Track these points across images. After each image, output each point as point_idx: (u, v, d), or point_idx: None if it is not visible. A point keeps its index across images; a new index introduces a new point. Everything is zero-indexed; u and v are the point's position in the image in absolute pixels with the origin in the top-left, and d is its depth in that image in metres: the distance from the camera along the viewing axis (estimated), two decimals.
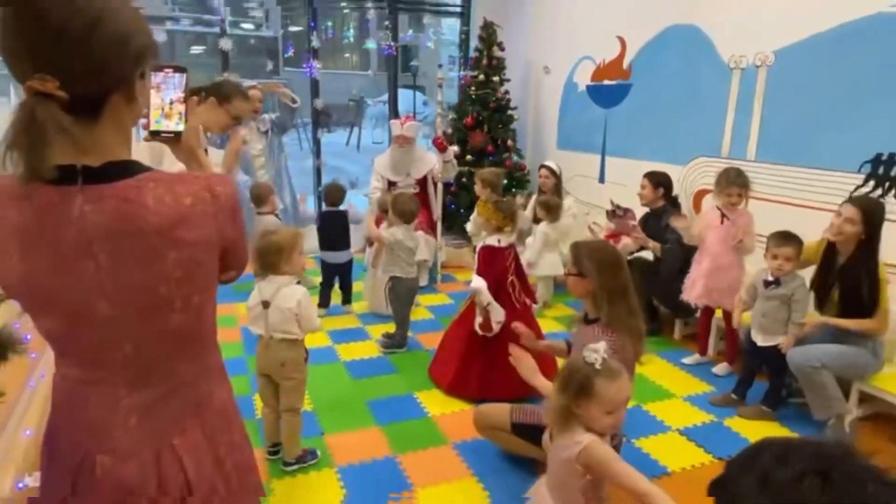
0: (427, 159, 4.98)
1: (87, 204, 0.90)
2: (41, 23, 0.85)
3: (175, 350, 1.03)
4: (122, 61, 0.93)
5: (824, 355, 2.79)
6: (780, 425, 3.02)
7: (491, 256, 3.20)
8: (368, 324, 4.31)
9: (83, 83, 0.89)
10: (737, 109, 3.97)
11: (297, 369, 2.55)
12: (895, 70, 3.07)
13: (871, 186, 3.22)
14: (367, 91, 18.37)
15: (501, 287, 3.20)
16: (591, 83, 5.29)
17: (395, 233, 3.75)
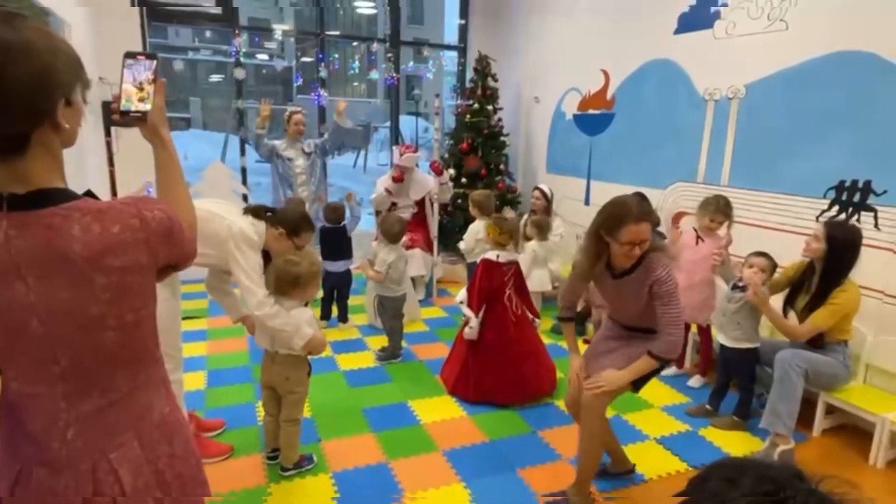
0: (425, 182, 5.01)
1: (12, 229, 0.88)
2: None
3: (112, 365, 0.99)
4: (40, 99, 0.88)
5: (809, 361, 2.76)
6: (750, 435, 2.99)
7: (488, 270, 3.23)
8: (367, 335, 4.29)
9: (3, 124, 0.86)
10: (711, 138, 3.98)
11: (301, 383, 2.53)
12: (856, 103, 3.09)
13: (835, 211, 3.22)
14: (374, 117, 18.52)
15: (498, 300, 3.22)
16: (578, 112, 5.31)
17: (386, 258, 3.74)
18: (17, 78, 0.85)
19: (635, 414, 3.20)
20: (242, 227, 2.40)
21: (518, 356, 3.23)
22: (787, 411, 2.68)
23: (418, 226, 5.11)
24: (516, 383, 3.22)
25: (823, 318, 2.76)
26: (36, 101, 0.88)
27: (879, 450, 2.73)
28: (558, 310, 2.65)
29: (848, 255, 2.76)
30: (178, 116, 17.97)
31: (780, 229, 3.50)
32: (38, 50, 0.87)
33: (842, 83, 3.14)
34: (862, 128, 3.07)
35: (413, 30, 20.50)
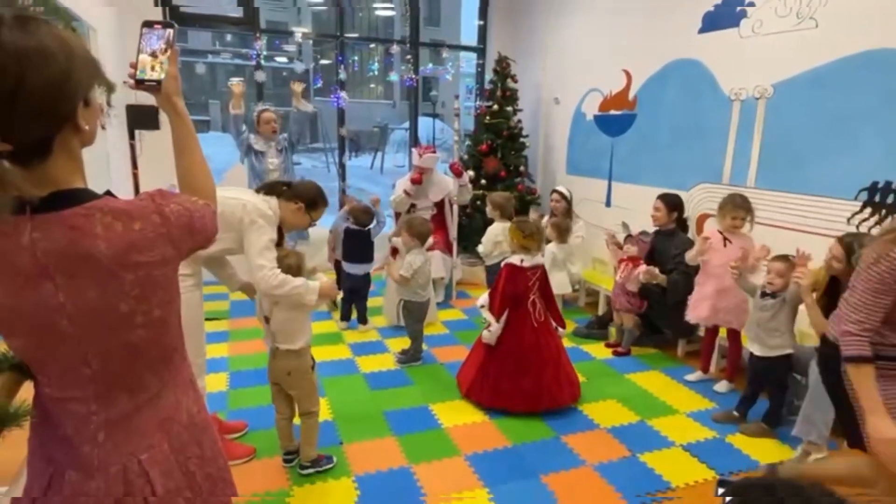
0: (445, 183, 4.99)
1: (36, 231, 0.89)
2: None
3: (141, 364, 1.00)
4: (59, 104, 0.88)
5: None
6: (780, 443, 2.92)
7: (512, 275, 3.16)
8: (387, 337, 4.28)
9: (23, 133, 0.86)
10: (737, 138, 3.91)
11: (303, 377, 2.51)
12: (889, 102, 3.00)
13: (867, 213, 3.13)
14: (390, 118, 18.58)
15: (521, 304, 3.16)
16: (599, 113, 5.25)
17: (413, 262, 3.70)
18: (37, 85, 0.84)
19: (661, 420, 3.15)
20: (256, 203, 2.40)
21: (537, 365, 3.15)
22: (822, 419, 2.61)
23: (437, 227, 5.08)
24: (533, 393, 3.12)
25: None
26: (57, 106, 0.88)
27: None
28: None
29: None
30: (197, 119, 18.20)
31: (810, 231, 3.42)
32: (55, 54, 0.86)
33: (874, 82, 3.06)
34: (892, 127, 2.98)
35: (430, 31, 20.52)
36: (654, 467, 2.70)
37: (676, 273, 3.80)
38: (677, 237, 3.97)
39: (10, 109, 0.83)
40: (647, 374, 3.75)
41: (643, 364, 3.90)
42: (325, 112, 15.04)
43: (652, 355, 4.06)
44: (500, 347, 3.17)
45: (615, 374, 3.75)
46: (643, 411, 3.23)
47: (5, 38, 0.82)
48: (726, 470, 2.69)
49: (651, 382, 3.62)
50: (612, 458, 2.76)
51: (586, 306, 5.18)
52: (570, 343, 4.22)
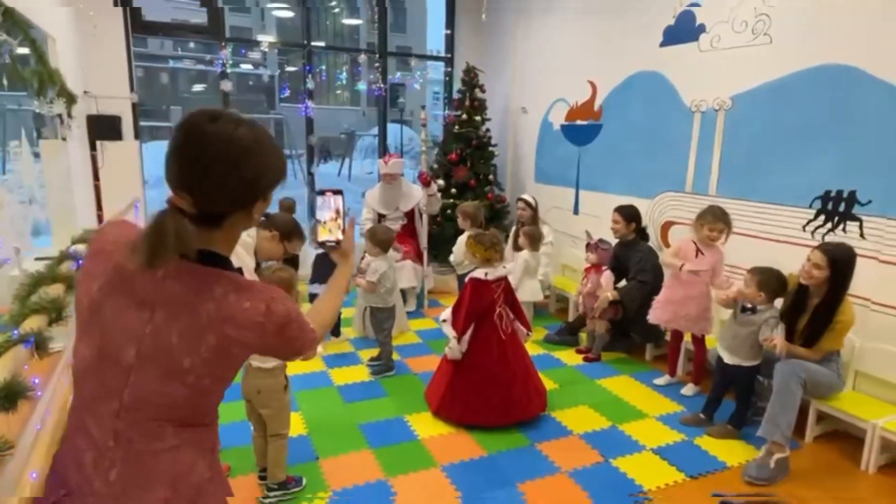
0: (415, 193, 5.01)
1: (173, 272, 1.01)
2: (197, 157, 1.00)
3: (169, 418, 1.04)
4: (249, 194, 1.06)
5: (808, 372, 2.79)
6: (745, 443, 3.02)
7: (477, 289, 3.14)
8: (360, 349, 4.26)
9: (213, 206, 1.03)
10: (699, 148, 4.04)
11: (275, 397, 2.48)
12: (839, 116, 3.16)
13: (821, 220, 3.28)
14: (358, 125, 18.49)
15: (487, 318, 3.15)
16: (566, 123, 5.36)
17: (378, 268, 3.71)
18: (243, 176, 1.03)
19: (631, 424, 3.22)
20: None
21: (506, 378, 3.13)
22: (786, 421, 2.72)
23: (408, 237, 5.10)
24: (503, 407, 3.12)
25: (834, 340, 2.84)
26: (246, 195, 1.06)
27: (871, 455, 2.78)
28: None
29: (849, 274, 2.81)
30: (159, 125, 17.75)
31: (768, 238, 3.56)
32: (264, 154, 1.05)
33: (826, 96, 3.22)
34: (846, 139, 3.14)
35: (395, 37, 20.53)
36: (627, 471, 2.77)
37: (635, 282, 3.91)
38: (638, 246, 4.07)
39: (216, 187, 1.01)
40: (617, 379, 3.84)
41: (613, 369, 3.99)
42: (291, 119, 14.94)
43: (621, 360, 4.15)
44: (467, 362, 3.14)
45: (586, 380, 3.83)
46: (614, 416, 3.30)
47: (241, 133, 1.02)
48: (696, 472, 2.77)
49: (621, 387, 3.70)
50: (586, 464, 2.82)
51: (556, 313, 5.26)
52: (541, 350, 4.29)
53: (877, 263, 3.00)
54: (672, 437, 3.09)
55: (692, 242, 3.53)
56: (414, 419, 3.23)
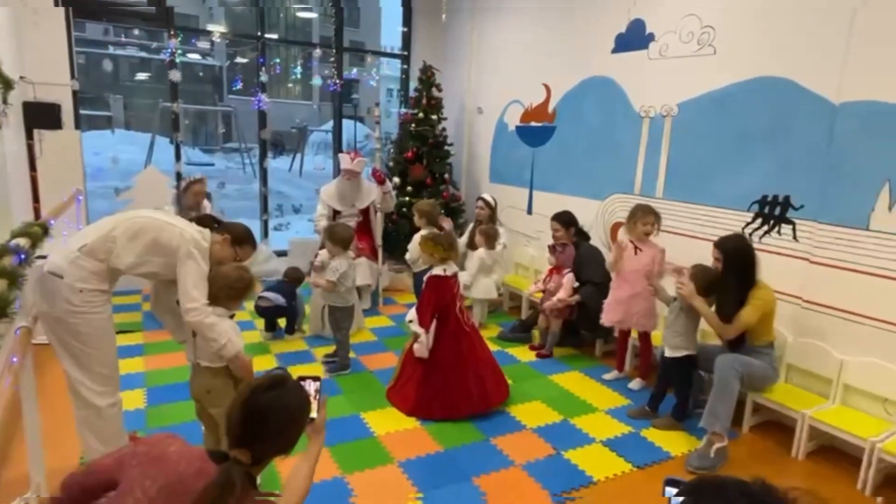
0: (371, 191, 5.00)
1: (211, 478, 1.33)
2: (258, 424, 1.36)
3: None
4: (288, 449, 1.43)
5: (745, 365, 2.96)
6: (688, 434, 3.18)
7: (438, 285, 3.23)
8: (315, 346, 4.24)
9: (265, 457, 1.41)
10: (647, 153, 4.21)
11: (224, 396, 2.42)
12: (775, 125, 3.36)
13: (759, 223, 3.49)
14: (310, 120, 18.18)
15: (450, 313, 3.24)
16: (520, 124, 5.46)
17: (338, 267, 3.70)
18: (289, 437, 1.43)
19: (582, 418, 3.34)
20: (193, 233, 2.41)
21: (478, 366, 3.28)
22: (725, 412, 2.88)
23: (363, 234, 5.08)
24: (481, 394, 3.25)
25: (749, 314, 2.99)
26: (286, 449, 1.44)
27: (800, 443, 2.99)
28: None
29: (743, 258, 3.03)
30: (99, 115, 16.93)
31: (711, 240, 3.72)
32: (298, 416, 1.49)
33: (763, 106, 3.42)
34: (781, 147, 3.35)
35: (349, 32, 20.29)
36: (578, 463, 2.87)
37: (590, 284, 4.05)
38: (580, 249, 4.23)
39: (268, 444, 1.39)
40: (568, 374, 3.96)
41: (564, 365, 4.11)
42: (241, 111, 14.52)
43: (572, 356, 4.28)
44: (439, 359, 3.23)
45: (539, 375, 3.93)
46: (566, 410, 3.41)
47: (288, 399, 1.45)
48: (642, 462, 2.90)
49: (572, 383, 3.82)
50: (539, 457, 2.91)
51: (510, 311, 5.36)
52: (495, 347, 4.36)
53: (807, 264, 3.22)
54: (620, 430, 3.22)
55: (630, 242, 3.69)
56: (370, 416, 3.24)
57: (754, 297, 3.00)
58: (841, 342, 3.07)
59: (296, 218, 9.15)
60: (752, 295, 3.01)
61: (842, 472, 2.86)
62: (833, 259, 3.10)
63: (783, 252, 3.35)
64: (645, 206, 3.69)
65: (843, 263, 3.06)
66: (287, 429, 1.42)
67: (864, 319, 2.98)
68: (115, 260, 2.31)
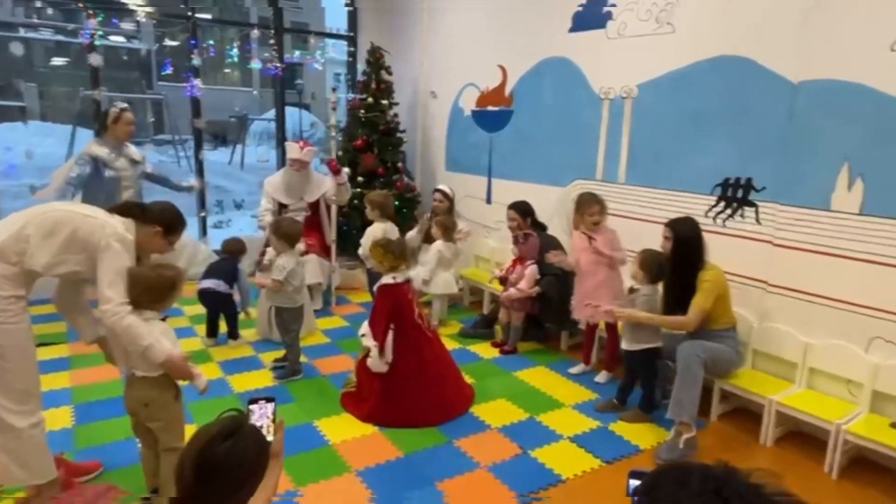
0: (321, 182, 4.93)
1: None
2: (213, 479, 1.31)
3: None
4: (248, 496, 1.37)
5: (708, 350, 3.05)
6: (656, 426, 3.27)
7: (389, 294, 3.23)
8: (262, 351, 4.16)
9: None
10: (608, 136, 4.29)
11: (165, 408, 2.38)
12: (736, 105, 3.47)
13: (721, 206, 3.60)
14: (250, 108, 17.75)
15: (409, 319, 3.25)
16: (476, 109, 5.47)
17: (285, 265, 3.62)
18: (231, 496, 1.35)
19: (548, 414, 3.38)
20: (115, 226, 2.31)
21: (441, 374, 3.31)
22: (690, 400, 2.97)
23: (313, 230, 5.02)
24: (445, 403, 3.29)
25: (701, 299, 3.09)
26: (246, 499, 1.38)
27: (768, 429, 3.11)
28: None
29: (693, 242, 3.16)
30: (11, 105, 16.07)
31: None
32: (253, 472, 1.40)
33: (723, 86, 3.51)
34: (742, 128, 3.46)
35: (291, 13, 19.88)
36: (545, 462, 2.91)
37: (549, 277, 4.11)
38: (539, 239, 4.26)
39: (224, 500, 1.33)
40: (533, 370, 4.01)
41: (529, 360, 4.16)
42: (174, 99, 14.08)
43: (537, 351, 4.33)
44: (400, 370, 3.21)
45: (503, 372, 3.96)
46: (531, 407, 3.44)
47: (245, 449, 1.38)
48: (612, 457, 2.97)
49: (537, 378, 3.87)
50: (505, 458, 2.93)
51: (471, 305, 5.38)
52: (456, 344, 4.38)
53: (770, 247, 3.34)
54: (588, 425, 3.28)
55: (582, 234, 3.77)
56: (324, 424, 3.20)
57: (703, 279, 3.11)
58: (805, 325, 3.20)
59: (238, 214, 8.96)
60: (700, 278, 3.12)
61: (809, 456, 2.99)
62: (795, 241, 3.23)
63: (747, 235, 3.46)
64: (586, 195, 3.79)
65: (805, 245, 3.19)
66: (245, 482, 1.37)
67: (827, 301, 3.12)
68: (29, 261, 2.20)
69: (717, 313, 3.15)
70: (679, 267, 3.19)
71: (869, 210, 2.93)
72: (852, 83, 2.93)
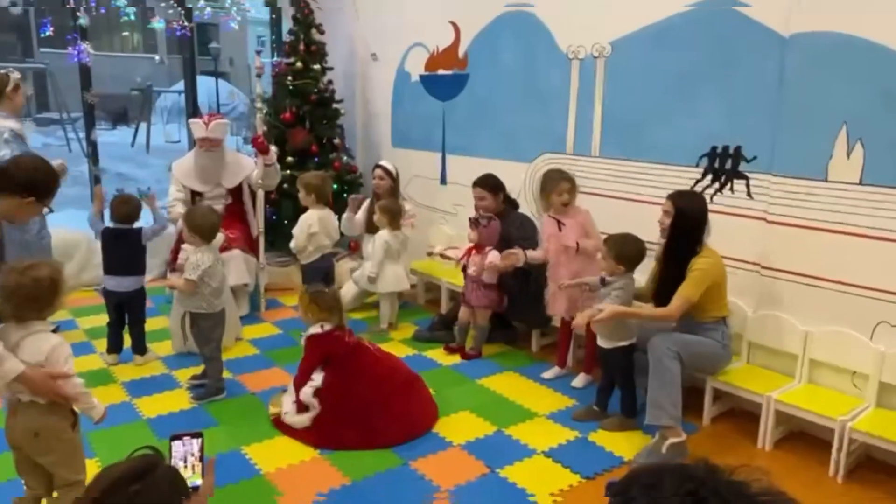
0: (243, 164, 4.85)
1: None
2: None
3: None
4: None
5: (680, 343, 3.10)
6: (643, 433, 3.31)
7: (319, 345, 3.31)
8: (176, 368, 4.05)
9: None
10: (578, 102, 4.32)
11: (59, 438, 2.29)
12: (719, 63, 3.54)
13: (709, 180, 3.67)
14: (155, 78, 17.26)
15: (350, 362, 3.34)
16: (426, 73, 5.45)
17: (199, 262, 3.53)
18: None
19: (519, 427, 3.40)
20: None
21: (401, 386, 3.39)
22: (669, 400, 3.01)
23: (235, 220, 4.93)
24: (414, 417, 3.34)
25: (689, 287, 3.13)
26: None
27: (767, 430, 3.19)
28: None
29: (696, 222, 3.20)
30: None
31: (656, 202, 3.88)
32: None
33: (711, 40, 3.57)
34: (729, 90, 3.53)
35: None
36: (517, 481, 2.92)
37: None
38: (511, 217, 4.31)
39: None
40: (501, 376, 4.02)
41: (495, 365, 4.17)
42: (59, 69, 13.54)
43: (504, 354, 4.35)
44: (359, 387, 3.28)
45: (465, 380, 3.97)
46: (500, 420, 3.45)
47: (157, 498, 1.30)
48: (592, 473, 3.00)
49: (506, 385, 3.88)
50: (470, 479, 2.93)
51: (427, 304, 5.37)
52: (410, 350, 4.36)
53: (764, 225, 3.43)
54: (565, 436, 3.31)
55: (550, 218, 3.80)
56: (255, 450, 3.14)
57: (693, 266, 3.15)
58: (805, 312, 3.30)
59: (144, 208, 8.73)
60: (691, 265, 3.16)
61: (813, 459, 3.09)
62: (791, 217, 3.32)
63: (738, 213, 3.54)
64: (553, 172, 3.83)
65: (801, 221, 3.28)
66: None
67: (828, 283, 3.22)
68: None
69: (706, 304, 3.21)
70: (675, 251, 3.22)
71: (870, 179, 3.03)
72: (851, 36, 3.01)
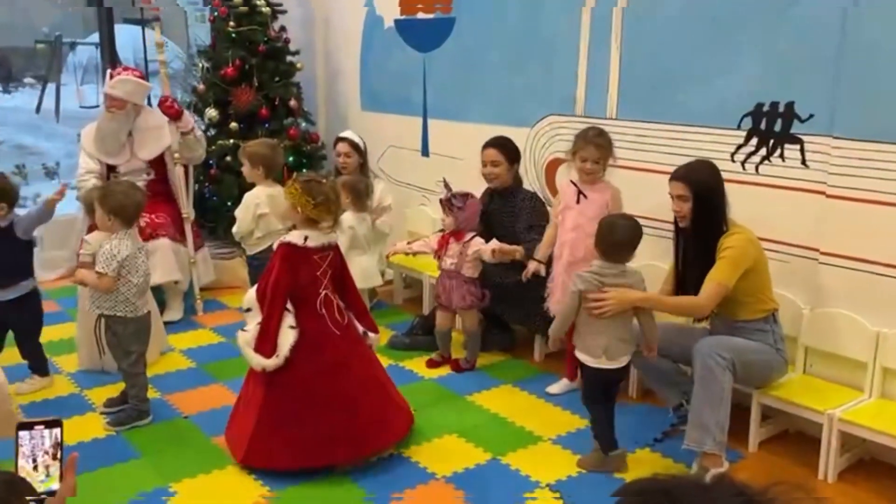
0: (162, 131, 4.86)
1: None
2: None
3: None
4: None
5: (734, 349, 3.04)
6: (673, 462, 3.28)
7: (290, 258, 3.17)
8: (88, 387, 4.03)
9: None
10: (590, 55, 4.28)
11: None
12: (765, 4, 3.49)
13: (754, 145, 3.62)
14: (65, 28, 17.03)
15: (308, 304, 3.19)
16: (402, 17, 5.42)
17: (115, 252, 3.46)
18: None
19: (519, 453, 3.36)
20: None
21: (353, 388, 3.24)
22: (716, 421, 2.96)
23: (159, 202, 4.93)
24: (358, 433, 3.21)
25: (722, 271, 3.09)
26: None
27: (829, 458, 3.14)
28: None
29: (717, 197, 3.19)
30: None
31: None
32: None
33: None
34: (776, 35, 3.48)
35: None
36: None
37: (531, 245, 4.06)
38: (519, 195, 4.28)
39: None
40: (496, 391, 4.00)
41: (489, 378, 4.15)
42: None
43: (499, 364, 4.33)
44: (287, 375, 3.16)
45: (453, 396, 3.95)
46: (494, 445, 3.41)
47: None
48: None
49: (502, 403, 3.86)
50: None
51: (405, 304, 5.33)
52: (385, 360, 4.29)
53: (823, 200, 3.38)
54: (573, 467, 3.26)
55: (571, 184, 3.77)
56: (186, 488, 3.11)
57: (724, 246, 3.13)
58: (875, 308, 3.25)
59: (51, 185, 8.63)
60: (720, 245, 3.14)
61: (891, 492, 3.05)
62: (856, 189, 3.26)
63: (790, 185, 3.50)
64: (588, 130, 3.76)
65: (870, 195, 3.23)
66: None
67: None
68: None
69: (747, 297, 3.17)
70: (699, 237, 3.20)
71: None
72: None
